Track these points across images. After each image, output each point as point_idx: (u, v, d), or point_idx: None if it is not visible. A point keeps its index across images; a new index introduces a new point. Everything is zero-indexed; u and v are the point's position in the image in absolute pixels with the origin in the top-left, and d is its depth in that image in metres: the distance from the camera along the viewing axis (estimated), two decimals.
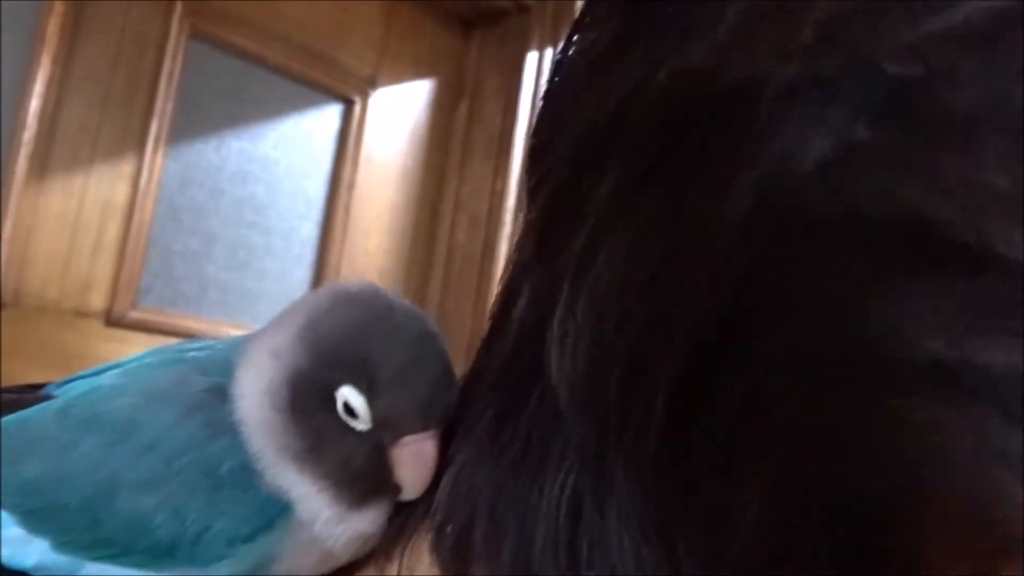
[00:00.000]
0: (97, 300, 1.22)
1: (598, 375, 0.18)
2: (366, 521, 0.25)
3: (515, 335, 0.22)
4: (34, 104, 1.16)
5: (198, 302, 1.34)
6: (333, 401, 0.24)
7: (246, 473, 0.24)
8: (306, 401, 0.24)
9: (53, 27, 1.17)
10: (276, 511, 0.24)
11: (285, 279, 1.43)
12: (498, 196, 1.60)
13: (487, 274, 1.58)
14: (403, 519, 0.25)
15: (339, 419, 0.24)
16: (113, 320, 1.24)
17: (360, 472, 0.24)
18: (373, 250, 1.52)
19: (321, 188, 1.47)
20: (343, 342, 0.25)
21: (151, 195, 1.27)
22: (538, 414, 0.20)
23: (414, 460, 0.24)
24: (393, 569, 0.23)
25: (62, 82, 1.19)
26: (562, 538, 0.19)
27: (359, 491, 0.25)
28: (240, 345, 0.26)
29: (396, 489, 0.25)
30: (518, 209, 0.23)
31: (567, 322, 0.19)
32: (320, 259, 1.46)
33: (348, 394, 0.24)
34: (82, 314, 1.21)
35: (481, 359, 0.24)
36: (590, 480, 0.19)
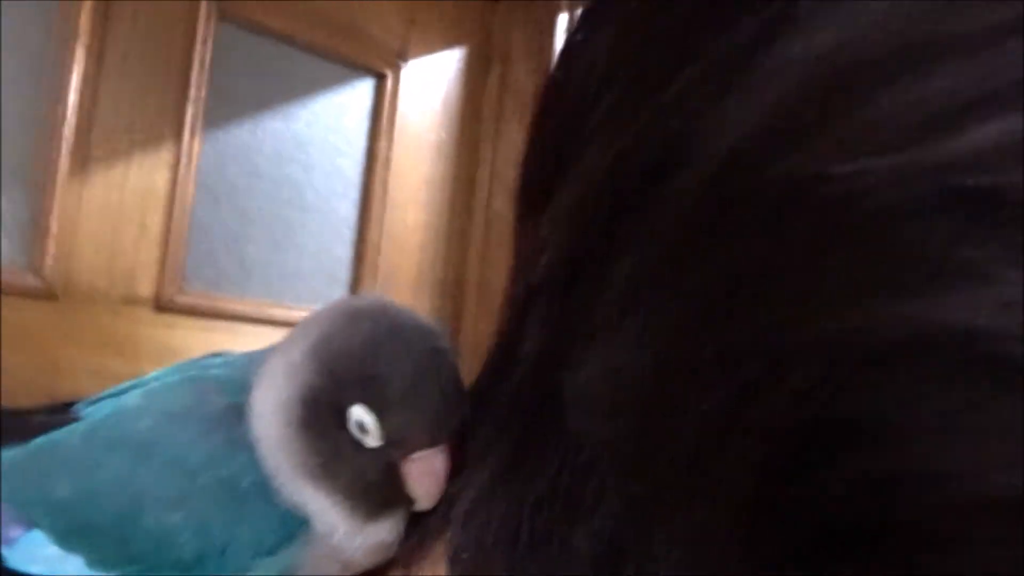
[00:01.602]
0: (144, 287, 1.25)
1: (653, 440, 0.16)
2: (382, 531, 0.26)
3: (530, 368, 0.20)
4: (71, 98, 1.18)
5: (241, 284, 1.36)
6: (345, 418, 0.25)
7: (266, 488, 0.25)
8: (319, 419, 0.25)
9: (84, 21, 1.19)
10: (297, 524, 0.25)
11: (324, 257, 1.45)
12: None
13: None
14: (422, 532, 0.25)
15: (351, 436, 0.25)
16: (162, 306, 1.26)
17: (373, 487, 0.25)
18: (411, 225, 1.52)
19: (357, 165, 1.48)
20: (354, 361, 0.25)
21: (191, 180, 1.28)
22: (565, 449, 0.19)
23: (424, 474, 0.25)
24: None
25: (97, 75, 1.20)
26: None
27: (373, 504, 0.26)
28: (257, 361, 0.27)
29: (409, 500, 0.25)
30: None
31: (608, 368, 0.17)
32: (359, 236, 1.47)
33: (359, 413, 0.25)
34: (131, 301, 1.24)
35: (488, 379, 0.23)
36: (636, 530, 0.17)
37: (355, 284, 1.45)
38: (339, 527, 0.25)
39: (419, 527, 0.25)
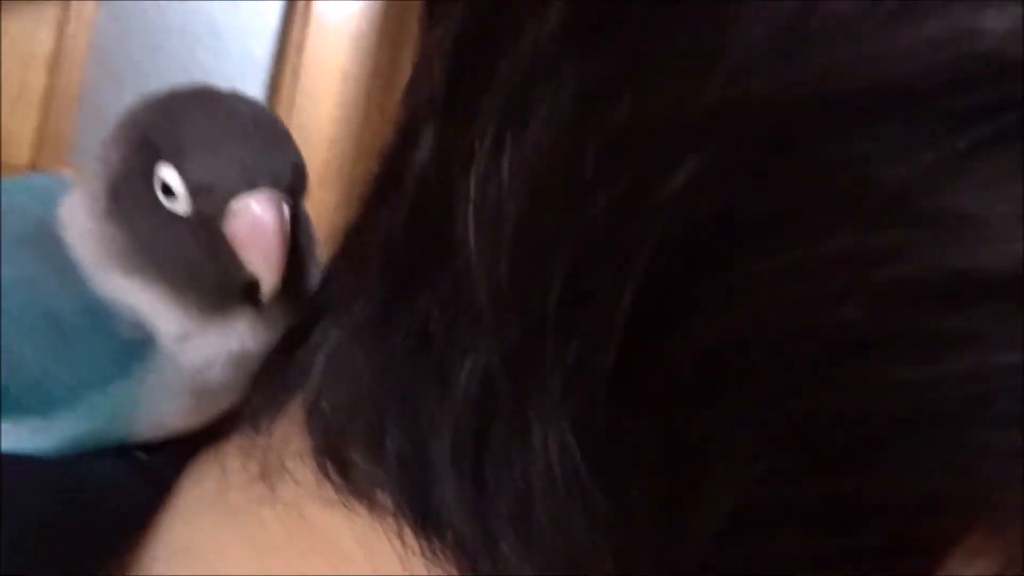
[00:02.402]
0: (20, 154, 1.16)
1: (530, 273, 0.15)
2: (234, 337, 0.22)
3: (411, 198, 0.18)
4: None
5: None
6: (153, 193, 0.21)
7: (92, 314, 0.22)
8: (126, 202, 0.22)
9: None
10: (130, 352, 0.22)
11: None
12: None
13: None
14: (275, 380, 0.22)
15: (164, 210, 0.21)
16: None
17: (197, 264, 0.21)
18: (324, 118, 1.46)
19: (268, 48, 1.41)
20: (151, 125, 0.22)
21: (79, 45, 1.19)
22: (440, 294, 0.18)
23: (251, 230, 0.21)
24: (262, 440, 0.21)
25: None
26: (466, 429, 0.17)
27: (207, 289, 0.22)
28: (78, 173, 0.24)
29: (253, 291, 0.22)
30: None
31: (489, 185, 0.16)
32: None
33: (161, 172, 0.21)
34: (8, 167, 1.15)
35: (362, 221, 0.21)
36: (510, 376, 0.16)
37: None
38: (175, 327, 0.22)
39: (271, 382, 0.22)
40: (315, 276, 0.23)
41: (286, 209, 0.21)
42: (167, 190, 0.21)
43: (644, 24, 0.14)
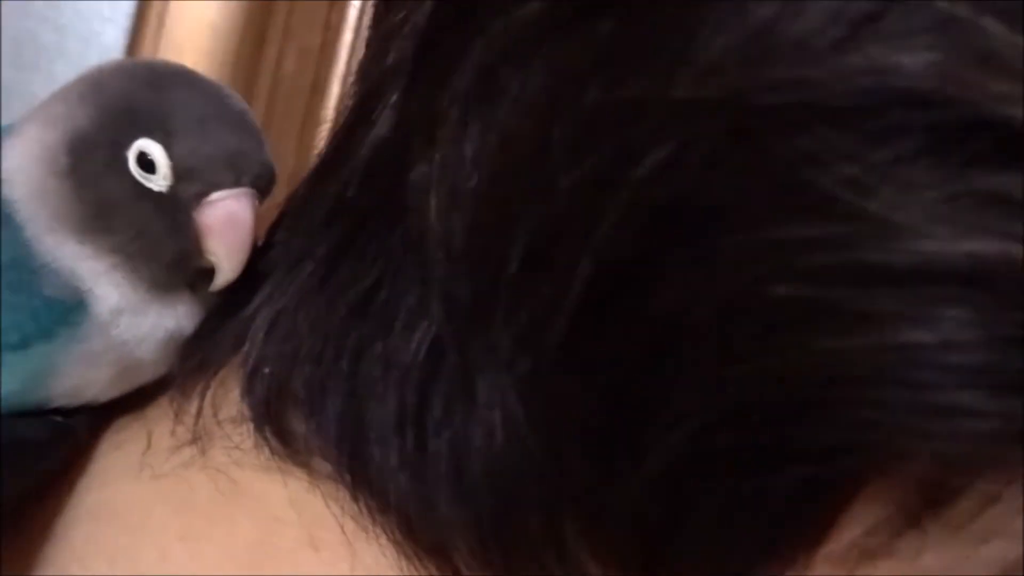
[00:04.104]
0: None
1: (489, 235, 0.16)
2: (172, 317, 0.22)
3: (366, 163, 0.19)
4: None
5: None
6: (124, 162, 0.21)
7: (18, 271, 0.21)
8: (90, 165, 0.21)
9: None
10: (58, 315, 0.21)
11: None
12: (333, 30, 1.49)
13: (314, 113, 1.49)
14: (206, 351, 0.22)
15: (132, 180, 0.21)
16: None
17: (159, 242, 0.21)
18: None
19: None
20: (133, 96, 0.22)
21: None
22: (389, 257, 0.18)
23: (225, 223, 0.21)
24: (192, 407, 0.21)
25: None
26: (409, 391, 0.18)
27: (159, 268, 0.21)
28: (9, 127, 0.23)
29: (207, 276, 0.22)
30: (355, 45, 0.20)
31: (453, 155, 0.17)
32: None
33: (144, 145, 0.21)
34: None
35: (309, 189, 0.22)
36: (458, 337, 0.17)
37: None
38: (113, 298, 0.21)
39: (202, 347, 0.22)
40: None
41: (255, 206, 0.22)
42: (145, 164, 0.21)
43: (619, 19, 0.15)
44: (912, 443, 0.14)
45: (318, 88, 1.49)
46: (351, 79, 0.22)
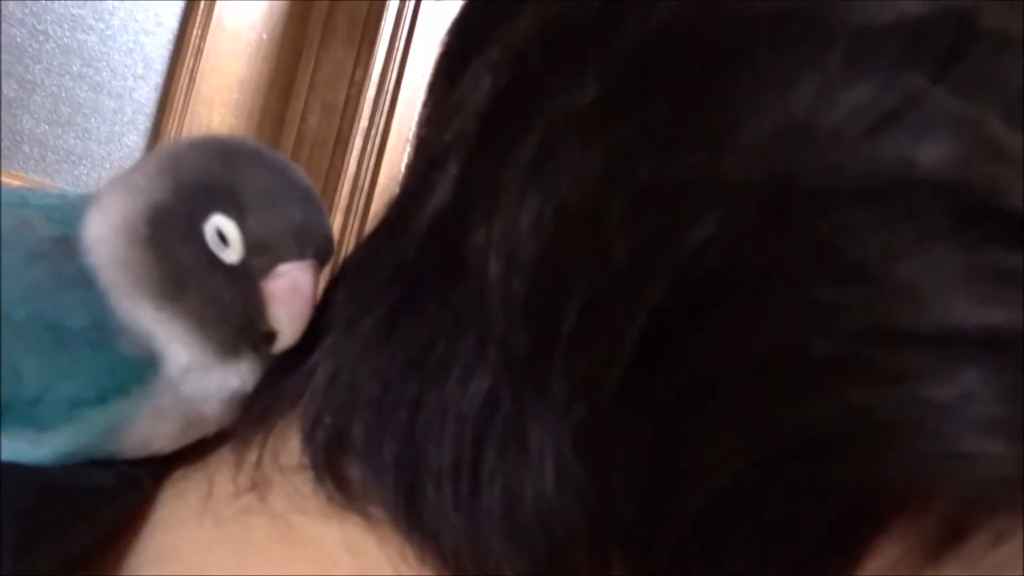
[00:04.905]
0: None
1: (547, 294, 0.17)
2: (236, 375, 0.23)
3: (426, 228, 0.20)
4: None
5: (10, 156, 1.21)
6: (199, 234, 0.22)
7: (98, 331, 0.22)
8: (168, 235, 0.22)
9: None
10: (133, 373, 0.22)
11: (113, 143, 1.32)
12: (357, 86, 1.53)
13: (337, 166, 1.52)
14: (267, 402, 0.23)
15: (206, 252, 0.22)
16: None
17: (229, 310, 0.22)
18: (216, 125, 1.42)
19: (163, 48, 1.36)
20: (209, 172, 0.23)
21: None
22: (448, 312, 0.19)
23: (289, 293, 0.22)
24: (252, 456, 0.22)
25: None
26: (465, 438, 0.18)
27: (228, 333, 0.23)
28: (91, 197, 0.24)
29: (269, 338, 0.23)
30: (379, 99, 0.22)
31: (513, 222, 0.18)
32: (156, 126, 1.35)
33: (219, 221, 0.22)
34: None
35: (369, 253, 0.23)
36: (513, 387, 0.18)
37: None
38: (183, 359, 0.22)
39: (263, 398, 0.23)
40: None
41: (317, 277, 0.23)
42: (220, 237, 0.22)
43: (670, 103, 0.17)
44: (934, 485, 0.15)
45: (341, 142, 1.53)
46: (373, 133, 0.23)
